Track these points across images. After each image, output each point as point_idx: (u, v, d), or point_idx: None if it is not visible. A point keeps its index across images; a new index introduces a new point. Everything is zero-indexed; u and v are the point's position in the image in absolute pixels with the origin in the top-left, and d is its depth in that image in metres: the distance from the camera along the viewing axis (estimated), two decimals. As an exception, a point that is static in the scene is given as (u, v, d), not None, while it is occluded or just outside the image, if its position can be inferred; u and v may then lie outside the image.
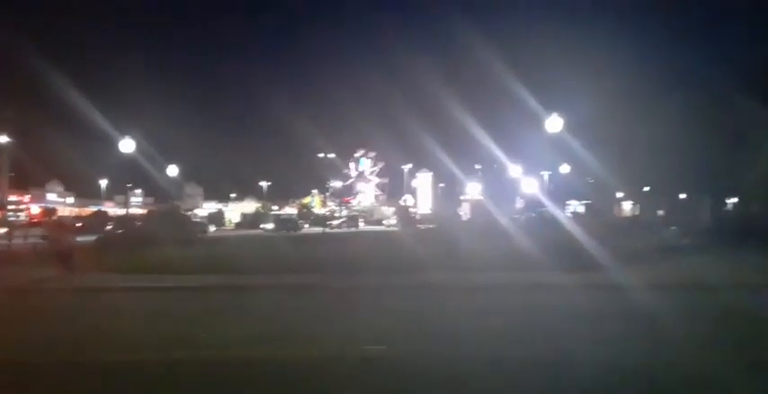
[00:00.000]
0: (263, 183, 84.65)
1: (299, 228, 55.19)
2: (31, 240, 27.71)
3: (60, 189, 67.50)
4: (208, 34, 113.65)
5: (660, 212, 42.69)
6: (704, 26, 53.06)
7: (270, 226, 55.57)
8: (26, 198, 57.32)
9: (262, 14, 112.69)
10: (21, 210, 52.01)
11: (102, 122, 33.45)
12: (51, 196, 64.98)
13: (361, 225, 65.80)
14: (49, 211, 43.46)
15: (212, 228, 51.49)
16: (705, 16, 54.98)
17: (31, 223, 35.91)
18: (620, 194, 51.78)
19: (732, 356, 7.02)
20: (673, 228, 27.71)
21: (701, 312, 10.43)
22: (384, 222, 68.75)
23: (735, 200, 44.12)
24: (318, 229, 50.38)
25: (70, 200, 69.00)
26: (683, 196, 41.06)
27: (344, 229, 57.12)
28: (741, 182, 31.89)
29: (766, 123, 27.57)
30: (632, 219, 42.60)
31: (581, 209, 56.57)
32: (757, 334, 8.55)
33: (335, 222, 62.84)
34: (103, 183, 72.54)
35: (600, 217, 37.98)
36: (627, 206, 60.28)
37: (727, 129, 30.04)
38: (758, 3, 40.61)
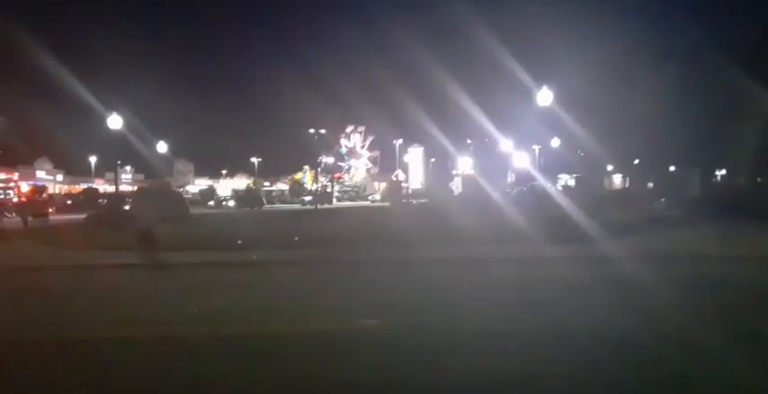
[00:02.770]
0: (255, 160, 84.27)
1: (263, 204, 53.89)
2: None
3: (49, 166, 66.82)
4: (197, 9, 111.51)
5: (650, 185, 42.94)
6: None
7: (231, 203, 53.70)
8: (15, 176, 56.72)
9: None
10: (10, 188, 51.49)
11: (89, 98, 33.04)
12: (40, 174, 64.36)
13: (335, 201, 63.93)
14: (39, 189, 43.07)
15: None
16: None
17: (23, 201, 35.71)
18: (610, 167, 52.00)
19: (722, 326, 7.16)
20: (662, 199, 27.94)
21: (690, 283, 10.56)
22: (369, 198, 68.40)
23: (723, 172, 44.51)
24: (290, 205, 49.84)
25: (59, 177, 68.43)
26: (672, 168, 41.30)
27: (333, 205, 56.51)
28: (729, 154, 32.12)
29: (754, 95, 27.62)
30: (622, 192, 42.89)
31: (572, 182, 56.88)
32: (746, 304, 8.70)
33: (307, 198, 61.26)
34: (93, 159, 71.95)
35: (590, 190, 38.20)
36: (617, 179, 60.63)
37: (716, 102, 30.09)
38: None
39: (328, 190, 71.29)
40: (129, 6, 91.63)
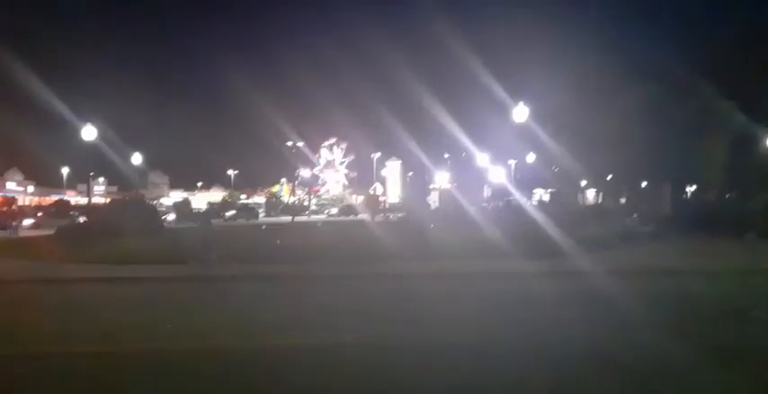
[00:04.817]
0: (231, 172, 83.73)
1: (209, 220, 50.06)
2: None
3: (20, 178, 65.62)
4: (173, 21, 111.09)
5: (622, 200, 43.70)
6: (663, 18, 54.19)
7: (171, 216, 49.55)
8: (-17, 187, 55.62)
9: (228, 1, 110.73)
10: (-22, 200, 50.44)
11: (63, 109, 32.64)
12: (10, 185, 63.16)
13: (262, 216, 58.17)
14: (8, 200, 42.25)
15: None
16: (665, 8, 56.18)
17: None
18: (583, 183, 52.72)
19: (694, 340, 7.28)
20: (634, 215, 28.39)
21: (662, 297, 10.76)
22: (326, 211, 65.72)
23: (694, 187, 45.47)
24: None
25: (30, 189, 67.18)
26: (644, 184, 42.04)
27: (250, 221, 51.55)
28: (699, 170, 32.83)
29: (722, 113, 28.38)
30: (595, 207, 43.48)
31: (546, 197, 57.57)
32: (717, 318, 8.85)
33: (228, 214, 54.41)
34: (65, 171, 70.77)
35: (564, 205, 38.71)
36: (590, 194, 61.50)
37: (686, 119, 30.80)
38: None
39: (305, 203, 70.93)
40: (105, 17, 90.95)
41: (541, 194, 60.22)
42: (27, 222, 36.79)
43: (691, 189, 45.71)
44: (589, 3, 50.66)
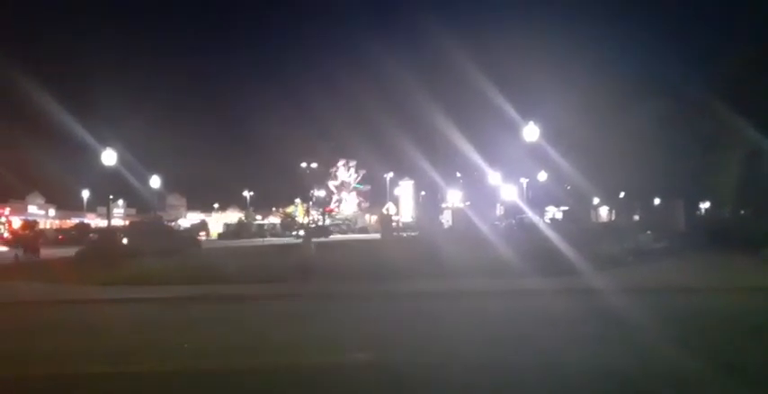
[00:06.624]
0: (247, 193, 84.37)
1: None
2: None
3: (41, 201, 66.81)
4: (190, 44, 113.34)
5: (635, 217, 43.43)
6: (675, 34, 54.42)
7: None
8: (6, 210, 56.55)
9: (243, 23, 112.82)
10: (0, 223, 51.25)
11: (83, 133, 33.38)
12: (32, 208, 64.27)
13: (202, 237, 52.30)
14: (30, 224, 43.07)
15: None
16: (676, 25, 56.44)
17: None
18: (596, 200, 52.56)
19: (709, 359, 7.29)
20: (648, 232, 28.29)
21: (676, 315, 10.77)
22: (293, 233, 61.63)
23: (707, 204, 45.20)
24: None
25: (51, 212, 68.30)
26: (657, 201, 41.85)
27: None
28: (713, 186, 32.73)
29: (735, 129, 28.42)
30: (608, 225, 43.30)
31: (559, 215, 57.36)
32: (730, 335, 8.83)
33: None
34: (85, 194, 71.91)
35: (577, 222, 38.62)
36: (603, 211, 61.16)
37: (699, 135, 30.83)
38: (727, 11, 42.13)
39: (320, 223, 71.15)
40: (123, 42, 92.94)
41: (554, 212, 60.05)
42: None
43: (705, 205, 45.46)
44: (600, 21, 51.11)
